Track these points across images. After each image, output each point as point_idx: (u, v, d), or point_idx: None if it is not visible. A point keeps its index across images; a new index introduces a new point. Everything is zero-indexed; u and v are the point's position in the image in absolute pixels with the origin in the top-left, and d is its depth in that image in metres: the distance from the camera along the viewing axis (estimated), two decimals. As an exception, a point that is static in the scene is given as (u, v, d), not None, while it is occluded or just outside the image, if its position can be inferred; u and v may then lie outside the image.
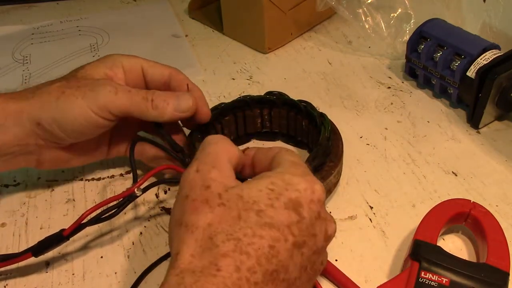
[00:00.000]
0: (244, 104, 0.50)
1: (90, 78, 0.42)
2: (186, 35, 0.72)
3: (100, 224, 0.44)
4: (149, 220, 0.45)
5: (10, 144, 0.41)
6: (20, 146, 0.41)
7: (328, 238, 0.32)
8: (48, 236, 0.39)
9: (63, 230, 0.38)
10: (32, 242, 0.40)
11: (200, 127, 0.47)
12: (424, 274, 0.36)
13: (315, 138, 0.47)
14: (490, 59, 0.51)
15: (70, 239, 0.39)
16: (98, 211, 0.38)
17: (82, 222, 0.38)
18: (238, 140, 0.52)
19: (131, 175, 0.48)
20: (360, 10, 0.63)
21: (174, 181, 0.46)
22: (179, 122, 0.48)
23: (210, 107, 0.48)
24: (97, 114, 0.40)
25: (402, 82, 0.61)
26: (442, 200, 0.41)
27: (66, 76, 0.43)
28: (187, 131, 0.48)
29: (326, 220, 0.32)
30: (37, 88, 0.41)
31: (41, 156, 0.43)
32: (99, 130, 0.42)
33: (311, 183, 0.32)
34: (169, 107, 0.42)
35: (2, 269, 0.40)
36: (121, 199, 0.39)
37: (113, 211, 0.39)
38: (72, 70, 0.44)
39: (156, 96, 0.42)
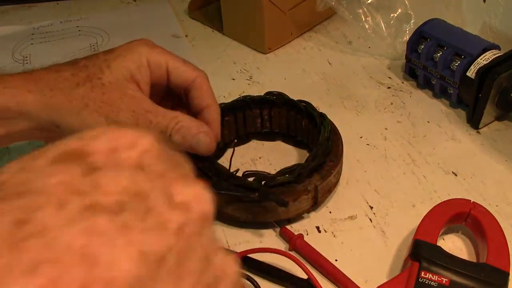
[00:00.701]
0: (244, 104, 0.50)
1: (116, 85, 0.40)
2: (186, 35, 0.72)
3: (100, 224, 0.44)
4: (149, 220, 0.45)
5: (22, 132, 0.40)
6: (31, 135, 0.41)
7: (180, 207, 0.17)
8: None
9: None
10: (32, 242, 0.40)
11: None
12: (424, 274, 0.36)
13: (315, 138, 0.47)
14: (490, 59, 0.51)
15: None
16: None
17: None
18: (238, 140, 0.52)
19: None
20: (360, 10, 0.63)
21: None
22: None
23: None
24: None
25: (402, 82, 0.61)
26: (442, 200, 0.41)
27: (90, 74, 0.40)
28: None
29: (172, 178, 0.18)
30: (56, 85, 0.39)
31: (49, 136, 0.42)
32: None
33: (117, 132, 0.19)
34: (185, 144, 0.41)
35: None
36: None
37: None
38: (96, 61, 0.41)
39: (175, 132, 0.40)
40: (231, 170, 0.47)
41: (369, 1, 0.63)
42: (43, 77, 0.40)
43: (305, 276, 0.37)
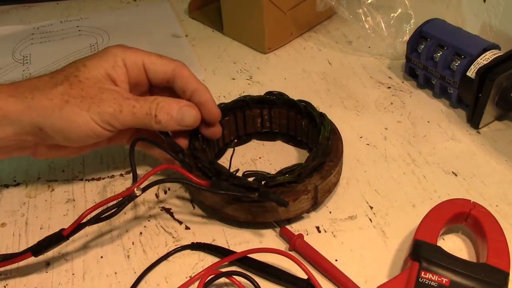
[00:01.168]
0: (244, 104, 0.50)
1: (94, 82, 0.41)
2: (186, 35, 0.72)
3: (100, 224, 0.44)
4: (149, 220, 0.45)
5: (7, 139, 0.40)
6: (16, 141, 0.41)
7: None
8: (48, 236, 0.39)
9: (62, 229, 0.38)
10: (32, 242, 0.40)
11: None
12: (424, 274, 0.36)
13: (315, 138, 0.47)
14: (490, 59, 0.51)
15: (70, 239, 0.39)
16: (98, 210, 0.38)
17: (82, 222, 0.38)
18: (238, 140, 0.52)
19: (131, 175, 0.48)
20: (360, 10, 0.63)
21: (174, 180, 0.46)
22: None
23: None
24: (101, 126, 0.40)
25: (402, 82, 0.61)
26: (442, 200, 0.41)
27: (67, 74, 0.41)
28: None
29: None
30: (36, 87, 0.40)
31: (37, 149, 0.43)
32: (103, 137, 0.42)
33: None
34: (172, 121, 0.42)
35: (2, 269, 0.40)
36: (121, 198, 0.39)
37: (113, 210, 0.39)
38: (73, 64, 0.42)
39: (159, 111, 0.41)
40: (231, 170, 0.47)
41: (369, 1, 0.63)
42: (24, 83, 0.41)
43: (305, 276, 0.37)
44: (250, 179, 0.42)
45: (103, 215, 0.39)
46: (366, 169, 0.49)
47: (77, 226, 0.38)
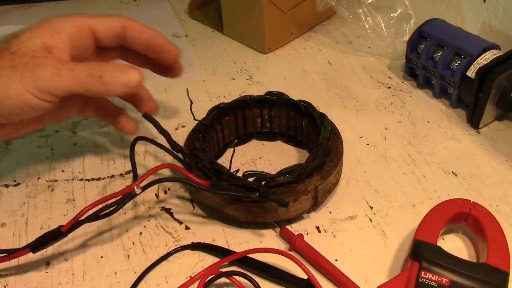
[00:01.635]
0: (244, 104, 0.50)
1: (26, 51, 0.38)
2: (186, 35, 0.72)
3: (100, 224, 0.44)
4: (149, 220, 0.45)
5: None
6: None
7: None
8: (46, 232, 0.39)
9: (61, 226, 0.38)
10: (32, 242, 0.40)
11: (200, 127, 0.47)
12: (424, 274, 0.36)
13: (315, 138, 0.47)
14: (490, 59, 0.51)
15: (70, 238, 0.39)
16: (97, 208, 0.38)
17: (81, 218, 0.38)
18: (238, 140, 0.52)
19: (131, 175, 0.48)
20: (360, 10, 0.63)
21: (174, 180, 0.46)
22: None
23: (210, 107, 0.48)
24: (37, 97, 0.37)
25: (402, 82, 0.61)
26: (442, 200, 0.41)
27: None
28: (188, 131, 0.48)
29: None
30: None
31: None
32: (41, 111, 0.39)
33: None
34: (117, 82, 0.39)
35: (2, 267, 0.40)
36: (121, 196, 0.39)
37: (112, 208, 0.39)
38: (4, 38, 0.39)
39: (104, 72, 0.39)
40: (231, 170, 0.47)
41: (369, 1, 0.63)
42: None
43: (305, 276, 0.37)
44: (250, 179, 0.42)
45: (102, 213, 0.39)
46: (366, 169, 0.49)
47: (76, 223, 0.38)
